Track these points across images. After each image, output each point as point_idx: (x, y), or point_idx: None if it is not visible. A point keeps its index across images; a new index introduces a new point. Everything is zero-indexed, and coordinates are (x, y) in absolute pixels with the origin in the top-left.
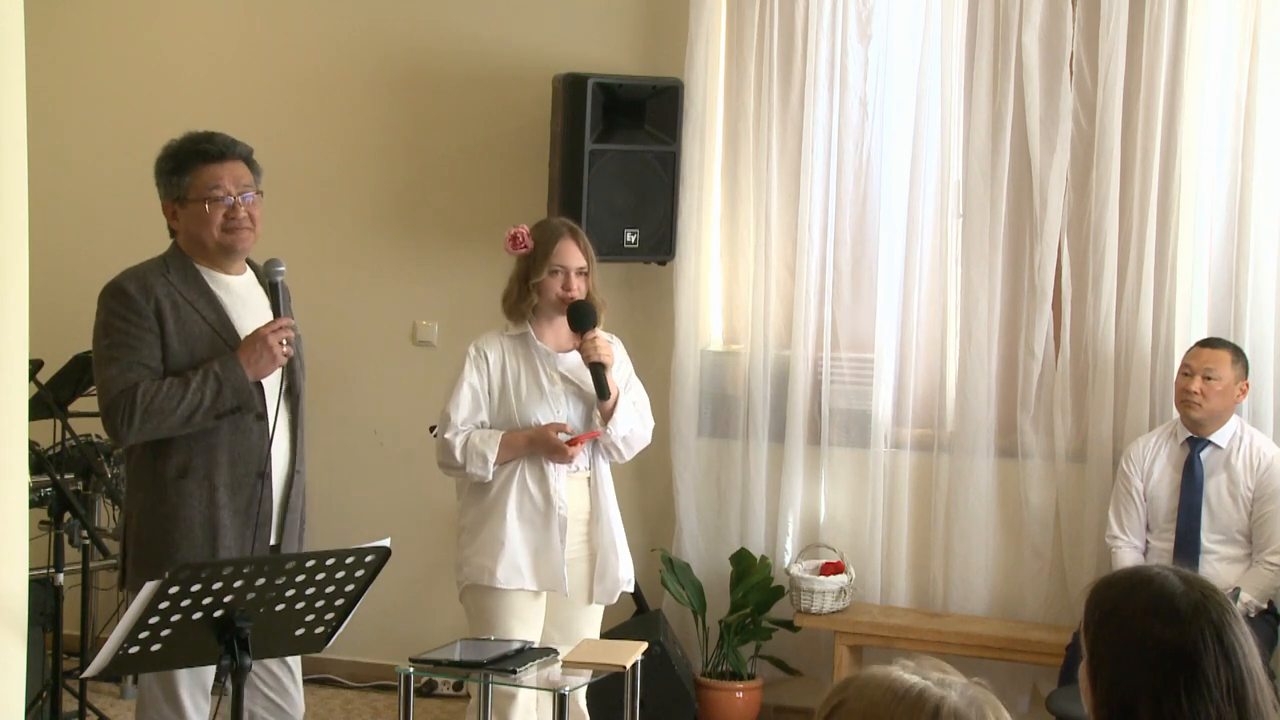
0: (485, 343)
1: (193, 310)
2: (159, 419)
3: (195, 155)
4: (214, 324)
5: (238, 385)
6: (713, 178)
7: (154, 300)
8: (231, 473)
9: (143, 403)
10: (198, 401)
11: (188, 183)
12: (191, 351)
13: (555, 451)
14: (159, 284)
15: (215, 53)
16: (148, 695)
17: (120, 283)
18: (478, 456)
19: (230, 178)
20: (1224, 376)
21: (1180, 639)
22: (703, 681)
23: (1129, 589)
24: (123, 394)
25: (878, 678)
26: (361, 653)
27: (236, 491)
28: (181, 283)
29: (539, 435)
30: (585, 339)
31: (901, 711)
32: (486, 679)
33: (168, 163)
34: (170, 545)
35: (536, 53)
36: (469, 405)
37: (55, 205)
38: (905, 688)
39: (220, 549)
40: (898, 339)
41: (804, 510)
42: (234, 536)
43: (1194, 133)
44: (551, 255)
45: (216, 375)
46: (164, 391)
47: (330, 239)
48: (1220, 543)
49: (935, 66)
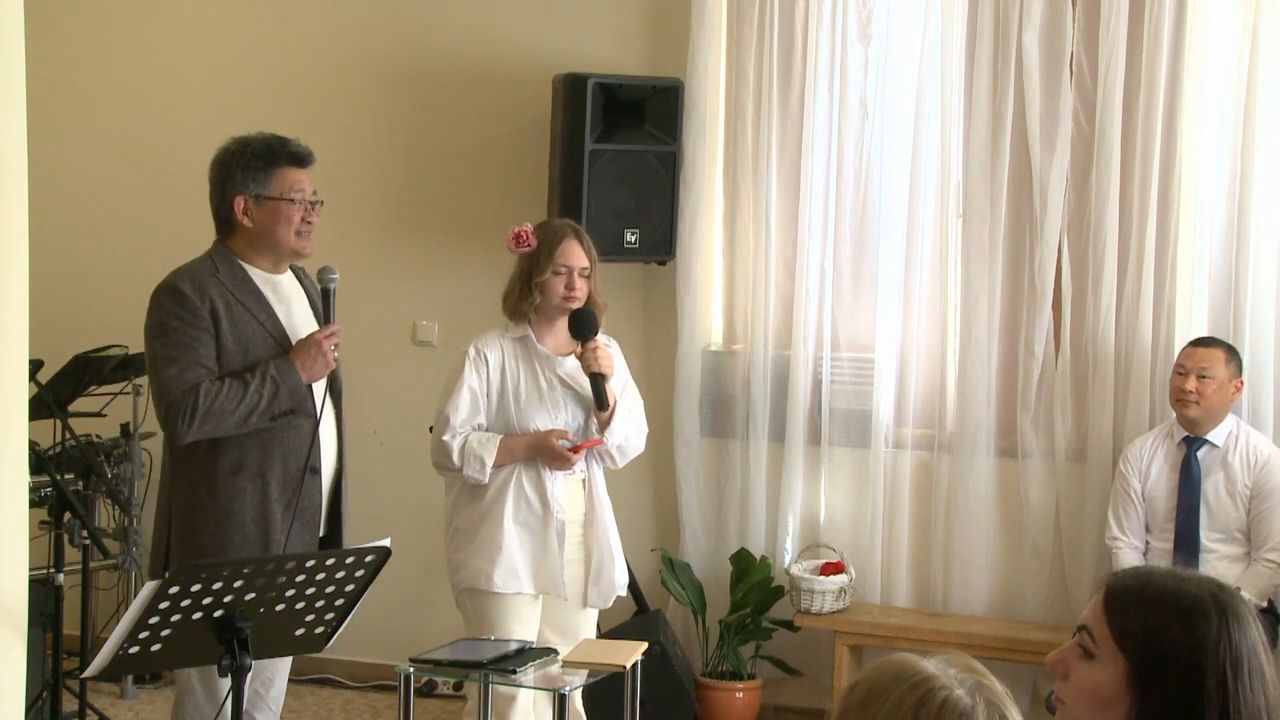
0: (485, 344)
1: (245, 310)
2: (218, 419)
3: (285, 155)
4: (265, 324)
5: (294, 388)
6: (713, 178)
7: (209, 300)
8: (284, 469)
9: (204, 403)
10: (256, 403)
11: (272, 180)
12: (246, 351)
13: (556, 459)
14: (211, 284)
15: (215, 52)
16: (186, 689)
17: (175, 282)
18: (475, 460)
19: (309, 184)
20: (1218, 375)
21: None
22: (703, 681)
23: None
24: (185, 394)
25: (895, 660)
26: (361, 653)
27: (287, 487)
28: (232, 282)
29: (539, 441)
30: (586, 348)
31: (899, 692)
32: (486, 679)
33: (252, 159)
34: (223, 539)
35: (536, 53)
36: (467, 407)
37: (55, 205)
38: (914, 671)
39: (271, 544)
40: (898, 339)
41: (804, 510)
42: (284, 531)
43: (1194, 133)
44: (556, 255)
45: (274, 379)
46: (224, 393)
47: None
48: (1220, 541)
49: (935, 66)
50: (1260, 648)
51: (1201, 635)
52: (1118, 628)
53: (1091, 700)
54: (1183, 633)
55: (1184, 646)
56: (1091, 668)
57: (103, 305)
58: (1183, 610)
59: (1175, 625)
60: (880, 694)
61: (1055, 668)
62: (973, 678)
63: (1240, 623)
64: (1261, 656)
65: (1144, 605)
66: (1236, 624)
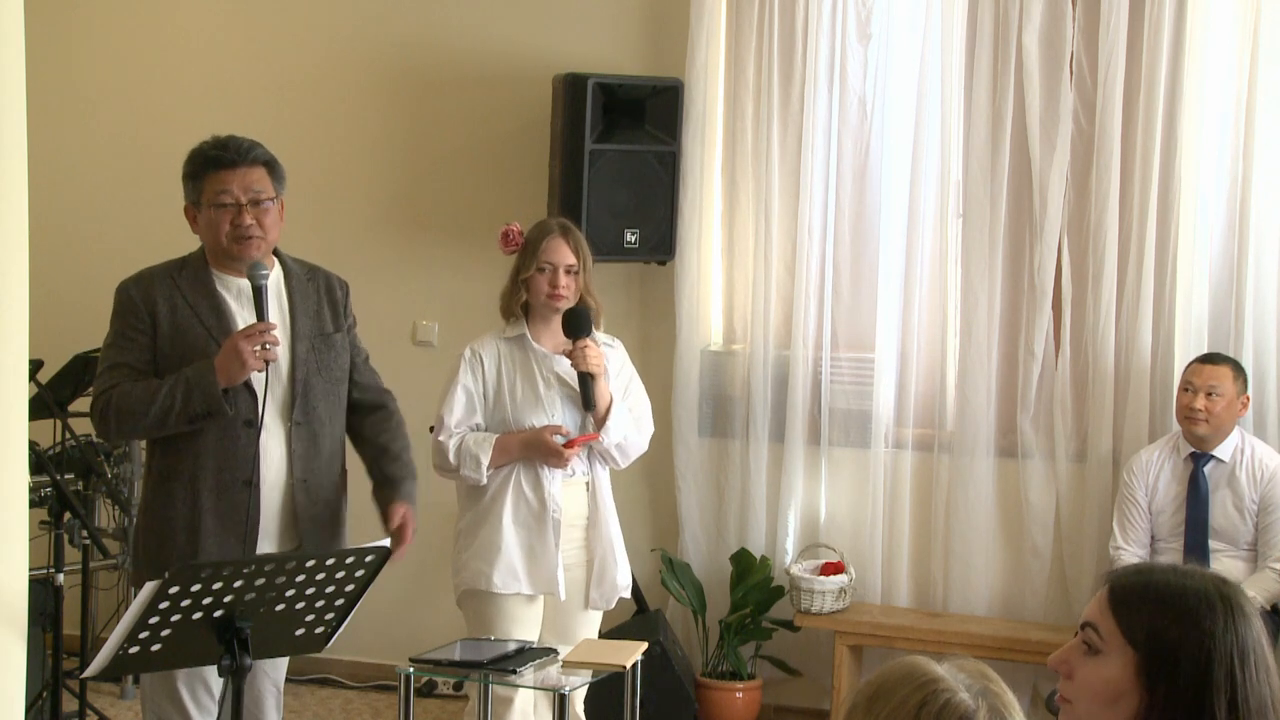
0: (480, 345)
1: (192, 314)
2: (133, 420)
3: (208, 161)
4: (211, 328)
5: (207, 390)
6: (713, 178)
7: (152, 302)
8: (216, 478)
9: (117, 403)
10: (169, 405)
11: (202, 188)
12: (182, 355)
13: (551, 454)
14: (163, 286)
15: (215, 52)
16: (148, 692)
17: (124, 283)
18: (471, 459)
19: (241, 185)
20: (1226, 392)
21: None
22: (703, 681)
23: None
24: (103, 394)
25: (907, 661)
26: (361, 653)
27: (221, 496)
28: (190, 285)
29: (534, 438)
30: (576, 347)
31: (905, 692)
32: (486, 679)
33: (186, 167)
34: (157, 544)
35: (536, 53)
36: (463, 408)
37: (56, 205)
38: (923, 673)
39: (201, 552)
40: (898, 339)
41: (804, 510)
42: (216, 541)
43: (1194, 133)
44: (539, 252)
45: (187, 379)
46: (136, 394)
47: (330, 239)
48: (1229, 556)
49: (935, 66)
50: (1264, 639)
51: (1209, 627)
52: (1125, 622)
53: (1100, 696)
54: (1190, 625)
55: (1192, 638)
56: (1098, 663)
57: (103, 305)
58: (1188, 603)
59: (1183, 617)
60: (888, 692)
61: (1059, 668)
62: (980, 683)
63: (1244, 615)
64: (1265, 648)
65: (1150, 599)
66: (1241, 616)
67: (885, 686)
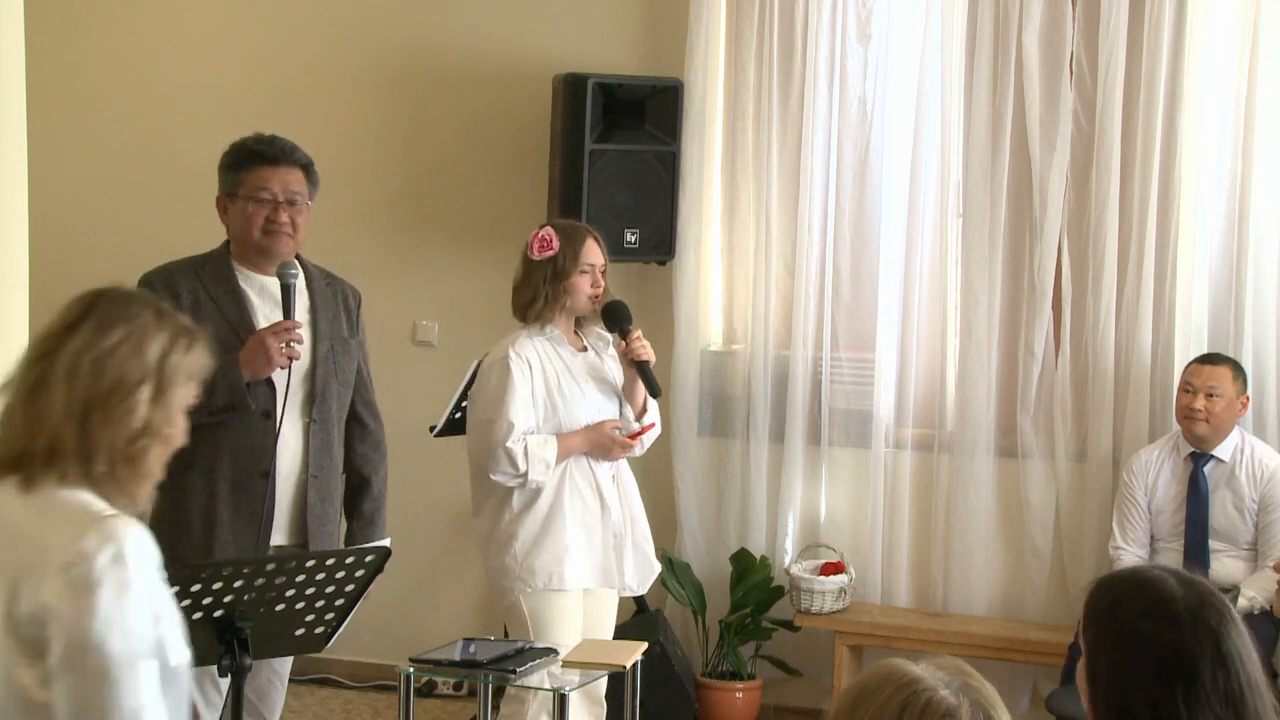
0: (521, 347)
1: (215, 308)
2: None
3: (251, 155)
4: (234, 323)
5: (232, 384)
6: (713, 178)
7: (175, 295)
8: (234, 468)
9: None
10: None
11: (241, 180)
12: None
13: (616, 447)
14: (186, 280)
15: (216, 52)
16: None
17: (147, 275)
18: (540, 463)
19: (280, 183)
20: (1226, 393)
21: (1178, 643)
22: (703, 681)
23: (1128, 590)
24: None
25: (886, 664)
26: (361, 653)
27: (238, 488)
28: (212, 280)
29: (596, 434)
30: (631, 338)
31: (886, 694)
32: (486, 679)
33: (228, 158)
34: (171, 536)
35: (536, 53)
36: (527, 410)
37: (56, 204)
38: (902, 674)
39: (216, 543)
40: (898, 339)
41: (804, 510)
42: (231, 533)
43: (1194, 133)
44: (581, 255)
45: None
46: None
47: (330, 239)
48: (1229, 556)
49: (935, 66)
50: (1241, 626)
51: (1179, 612)
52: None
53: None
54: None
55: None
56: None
57: None
58: (1149, 586)
59: (1145, 602)
60: (869, 696)
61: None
62: (959, 679)
63: (1216, 600)
64: (1243, 632)
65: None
66: (1210, 600)
67: (866, 691)
